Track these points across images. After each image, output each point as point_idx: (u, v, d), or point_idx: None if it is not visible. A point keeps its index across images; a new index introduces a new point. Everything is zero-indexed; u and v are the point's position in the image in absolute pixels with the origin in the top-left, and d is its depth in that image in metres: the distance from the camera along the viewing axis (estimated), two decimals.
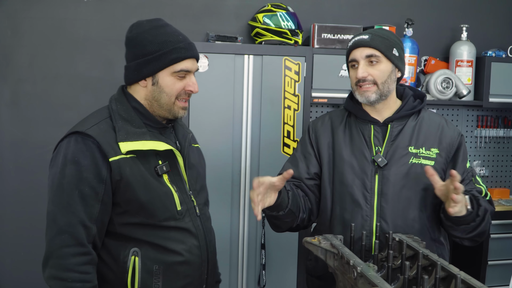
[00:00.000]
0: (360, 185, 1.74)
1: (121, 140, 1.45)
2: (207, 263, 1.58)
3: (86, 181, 1.41)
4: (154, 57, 1.49)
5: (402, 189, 1.72)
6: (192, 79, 1.55)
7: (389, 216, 1.70)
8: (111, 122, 1.50)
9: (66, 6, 3.13)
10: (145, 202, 1.46)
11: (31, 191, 3.16)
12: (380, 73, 1.72)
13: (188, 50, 1.52)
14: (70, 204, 1.41)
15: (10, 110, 3.12)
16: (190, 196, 1.58)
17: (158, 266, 1.47)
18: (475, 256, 3.41)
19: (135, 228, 1.47)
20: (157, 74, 1.50)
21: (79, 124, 1.52)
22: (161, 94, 1.52)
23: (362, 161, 1.75)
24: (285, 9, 3.08)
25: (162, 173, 1.51)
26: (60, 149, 1.48)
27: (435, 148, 1.76)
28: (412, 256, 1.47)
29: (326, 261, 1.48)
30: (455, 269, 1.30)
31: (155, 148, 1.49)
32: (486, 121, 3.71)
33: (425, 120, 1.80)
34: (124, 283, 1.46)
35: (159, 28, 1.52)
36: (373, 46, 1.71)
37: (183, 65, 1.51)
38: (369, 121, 1.79)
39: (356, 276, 1.29)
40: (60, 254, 1.40)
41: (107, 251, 1.48)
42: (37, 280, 3.19)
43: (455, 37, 3.60)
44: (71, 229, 1.40)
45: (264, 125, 2.97)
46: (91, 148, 1.43)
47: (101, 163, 1.43)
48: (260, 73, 2.95)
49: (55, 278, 1.40)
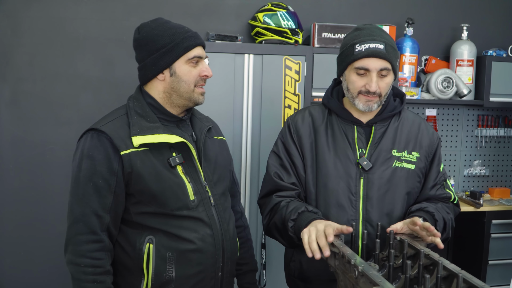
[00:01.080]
0: (345, 189, 1.70)
1: (134, 135, 1.55)
2: (222, 251, 1.63)
3: (99, 174, 1.52)
4: (168, 49, 1.58)
5: (386, 192, 1.70)
6: (205, 65, 1.65)
7: (375, 219, 1.67)
8: (126, 118, 1.60)
9: (66, 5, 3.12)
10: (157, 192, 1.54)
11: (31, 190, 3.16)
12: (386, 86, 1.69)
13: (196, 38, 1.63)
14: (84, 196, 1.52)
15: (10, 109, 3.12)
16: (205, 186, 1.64)
17: (171, 253, 1.55)
18: (476, 256, 3.41)
19: (149, 217, 1.56)
20: (174, 64, 1.60)
21: (97, 122, 1.62)
22: (180, 83, 1.61)
23: (346, 164, 1.71)
24: (285, 9, 3.07)
25: (175, 165, 1.58)
26: (79, 145, 1.59)
27: (416, 151, 1.75)
28: (413, 255, 1.47)
29: (327, 261, 1.47)
30: (456, 268, 1.29)
31: (167, 140, 1.57)
32: (487, 121, 3.70)
33: (406, 121, 1.78)
34: (140, 269, 1.55)
35: (164, 24, 1.63)
36: (388, 59, 1.64)
37: (195, 52, 1.61)
38: (352, 122, 1.75)
39: (357, 276, 1.28)
40: (75, 241, 1.51)
41: (125, 239, 1.58)
42: (36, 279, 3.20)
43: (456, 36, 3.60)
44: (85, 218, 1.51)
45: (265, 124, 2.97)
46: (105, 143, 1.53)
47: (113, 157, 1.53)
48: (260, 73, 2.95)
49: (71, 263, 1.51)
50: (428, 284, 1.19)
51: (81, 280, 1.49)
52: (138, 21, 3.18)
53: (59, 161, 3.17)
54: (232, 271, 1.72)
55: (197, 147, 1.67)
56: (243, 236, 1.88)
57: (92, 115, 3.15)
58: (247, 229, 1.92)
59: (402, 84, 3.33)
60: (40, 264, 3.18)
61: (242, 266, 1.86)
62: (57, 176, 3.17)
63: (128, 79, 3.20)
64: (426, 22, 3.58)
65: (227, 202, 1.73)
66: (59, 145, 3.16)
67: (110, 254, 1.55)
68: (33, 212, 3.16)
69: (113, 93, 3.19)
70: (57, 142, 3.17)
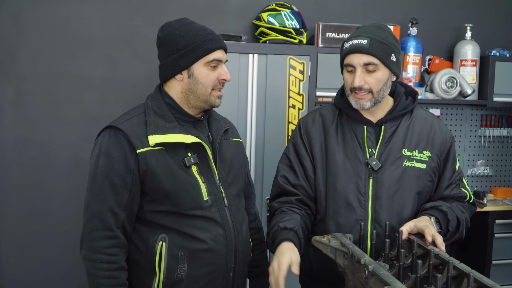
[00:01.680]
0: (354, 189, 1.69)
1: (150, 134, 1.56)
2: (235, 252, 1.63)
3: (116, 171, 1.54)
4: (188, 50, 1.59)
5: (396, 192, 1.69)
6: (224, 68, 1.65)
7: (384, 220, 1.67)
8: (144, 117, 1.61)
9: (69, 4, 3.12)
10: (171, 191, 1.55)
11: (34, 190, 3.15)
12: (376, 82, 1.65)
13: (218, 41, 1.62)
14: (101, 192, 1.54)
15: (14, 109, 3.11)
16: (219, 187, 1.64)
17: (183, 252, 1.56)
18: (479, 256, 3.41)
19: (163, 216, 1.57)
20: (192, 66, 1.60)
21: (116, 119, 1.63)
22: (197, 85, 1.61)
23: (356, 164, 1.70)
24: (289, 8, 3.07)
25: (190, 165, 1.59)
26: (97, 142, 1.61)
27: (427, 151, 1.73)
28: (422, 255, 1.47)
29: (336, 260, 1.47)
30: (467, 268, 1.29)
31: (182, 140, 1.57)
32: (490, 121, 3.70)
33: (418, 120, 1.76)
34: (152, 267, 1.56)
35: (188, 25, 1.63)
36: (372, 53, 1.62)
37: (215, 55, 1.61)
38: (361, 122, 1.74)
39: (368, 275, 1.28)
40: (91, 237, 1.52)
41: (139, 237, 1.59)
42: (40, 279, 3.20)
43: (459, 36, 3.60)
44: (101, 215, 1.53)
45: (269, 124, 2.96)
46: (122, 141, 1.55)
47: (129, 155, 1.54)
48: (264, 72, 2.94)
49: (87, 259, 1.52)
50: (439, 284, 1.19)
51: (97, 276, 1.50)
52: (142, 21, 3.22)
53: (62, 161, 3.16)
54: (244, 272, 1.71)
55: (213, 148, 1.68)
56: (256, 238, 1.87)
57: (96, 114, 3.16)
58: (261, 231, 1.92)
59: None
60: (43, 264, 3.18)
61: (255, 268, 1.85)
62: (61, 176, 3.16)
63: (131, 79, 3.20)
64: (430, 22, 3.58)
65: (241, 204, 1.73)
66: (63, 144, 3.16)
67: (125, 250, 1.57)
68: (36, 212, 3.15)
69: (116, 93, 3.19)
70: (60, 141, 3.16)
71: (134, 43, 3.21)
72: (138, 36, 3.19)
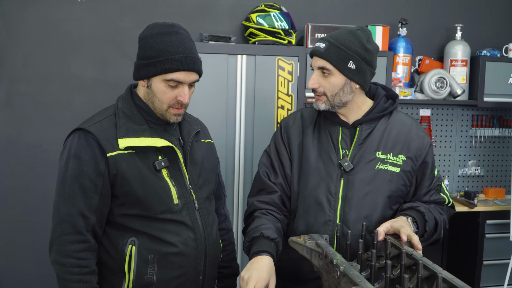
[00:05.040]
0: (324, 189, 1.70)
1: (120, 137, 1.54)
2: (205, 255, 1.63)
3: (86, 174, 1.52)
4: (149, 62, 1.55)
5: (366, 195, 1.69)
6: (184, 90, 1.58)
7: (351, 221, 1.67)
8: (114, 119, 1.59)
9: (60, 6, 3.13)
10: (141, 195, 1.54)
11: (25, 191, 3.17)
12: (330, 86, 1.67)
13: (182, 63, 1.54)
14: (71, 196, 1.52)
15: (4, 110, 3.13)
16: (189, 190, 1.64)
17: (153, 255, 1.55)
18: (470, 256, 3.41)
19: (133, 219, 1.56)
20: (151, 79, 1.57)
21: (85, 121, 1.61)
22: (154, 98, 1.59)
23: (328, 165, 1.71)
24: (278, 9, 3.08)
25: (161, 168, 1.58)
26: (66, 144, 1.59)
27: (402, 154, 1.72)
28: (397, 255, 1.47)
29: (311, 261, 1.48)
30: (438, 268, 1.30)
31: (153, 144, 1.56)
32: (481, 121, 3.71)
33: (396, 123, 1.76)
34: (122, 270, 1.56)
35: (163, 36, 1.55)
36: (326, 58, 1.65)
37: (174, 76, 1.54)
38: (337, 123, 1.75)
39: (339, 275, 1.29)
40: (61, 241, 1.50)
41: (108, 240, 1.58)
42: (31, 279, 3.21)
43: (450, 36, 3.61)
44: (71, 219, 1.51)
45: (258, 125, 2.97)
46: (92, 144, 1.53)
47: (99, 158, 1.52)
48: (253, 73, 2.95)
49: (57, 263, 1.51)
50: (406, 284, 1.19)
51: (67, 280, 1.49)
52: (132, 22, 3.24)
53: (53, 162, 3.15)
54: (214, 274, 1.72)
55: (184, 150, 1.67)
56: (225, 239, 1.88)
57: (86, 115, 3.09)
58: (230, 232, 1.92)
59: (396, 85, 3.33)
60: (35, 264, 3.19)
61: (224, 269, 1.86)
62: (51, 176, 3.14)
63: (122, 79, 3.20)
64: (420, 23, 3.58)
65: (211, 206, 1.73)
66: (53, 146, 3.17)
67: (96, 254, 1.55)
68: (27, 213, 3.17)
69: (107, 94, 3.20)
70: (51, 143, 3.18)
71: (124, 44, 3.22)
72: (128, 37, 3.20)
